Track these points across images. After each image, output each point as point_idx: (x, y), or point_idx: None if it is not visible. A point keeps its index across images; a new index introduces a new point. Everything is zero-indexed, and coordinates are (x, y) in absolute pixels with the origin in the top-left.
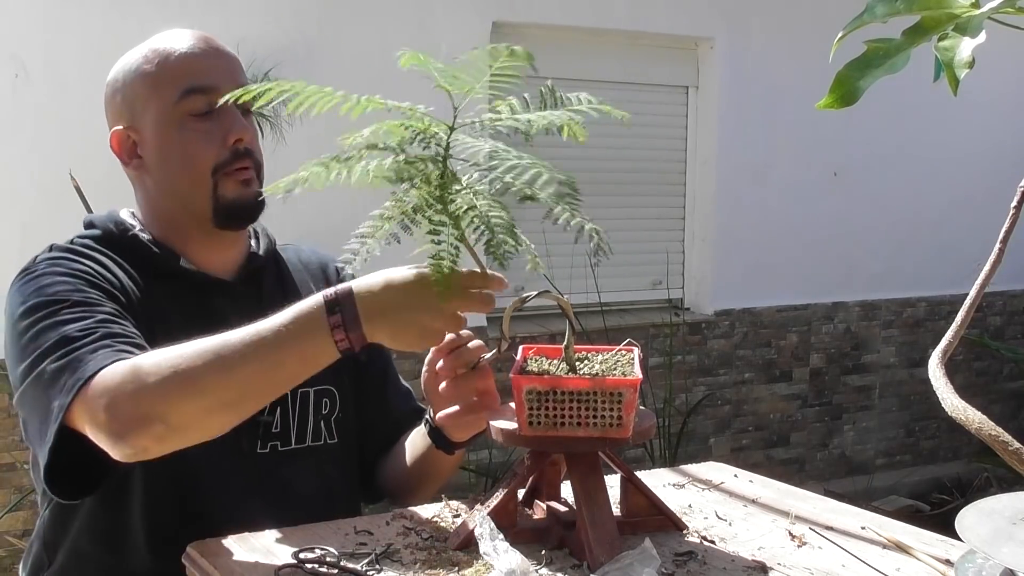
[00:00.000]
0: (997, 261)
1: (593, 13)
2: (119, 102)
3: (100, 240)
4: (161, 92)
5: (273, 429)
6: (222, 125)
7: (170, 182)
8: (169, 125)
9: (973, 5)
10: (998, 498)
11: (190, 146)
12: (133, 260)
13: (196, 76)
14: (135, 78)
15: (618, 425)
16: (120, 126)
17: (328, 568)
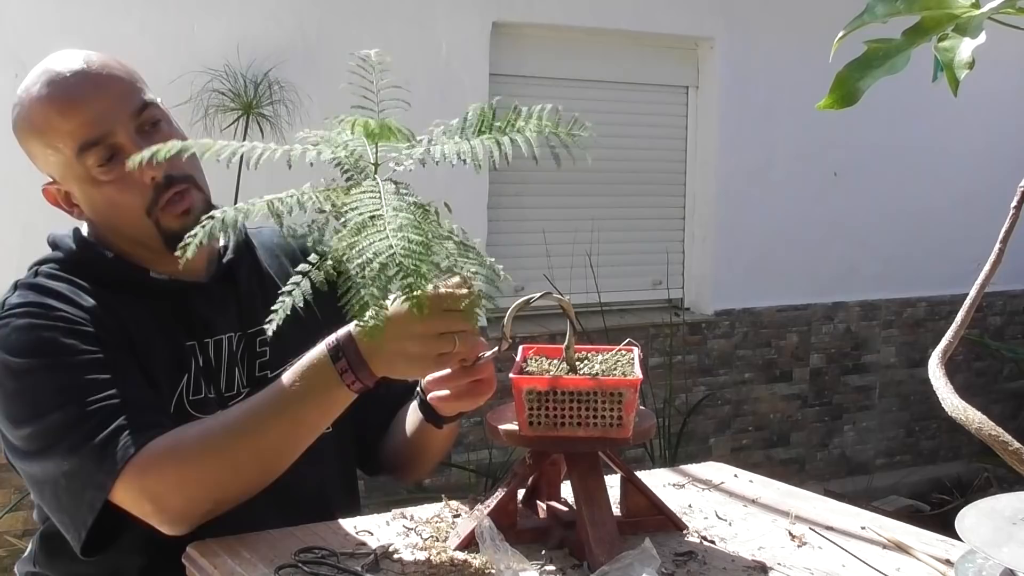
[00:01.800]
0: (997, 261)
1: (593, 13)
2: (33, 156)
3: (65, 264)
4: (57, 151)
5: None
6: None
7: (114, 227)
8: (82, 182)
9: (973, 5)
10: (998, 498)
11: (113, 198)
12: (101, 280)
13: (86, 127)
14: (29, 135)
15: (618, 425)
16: (47, 184)
17: (328, 568)
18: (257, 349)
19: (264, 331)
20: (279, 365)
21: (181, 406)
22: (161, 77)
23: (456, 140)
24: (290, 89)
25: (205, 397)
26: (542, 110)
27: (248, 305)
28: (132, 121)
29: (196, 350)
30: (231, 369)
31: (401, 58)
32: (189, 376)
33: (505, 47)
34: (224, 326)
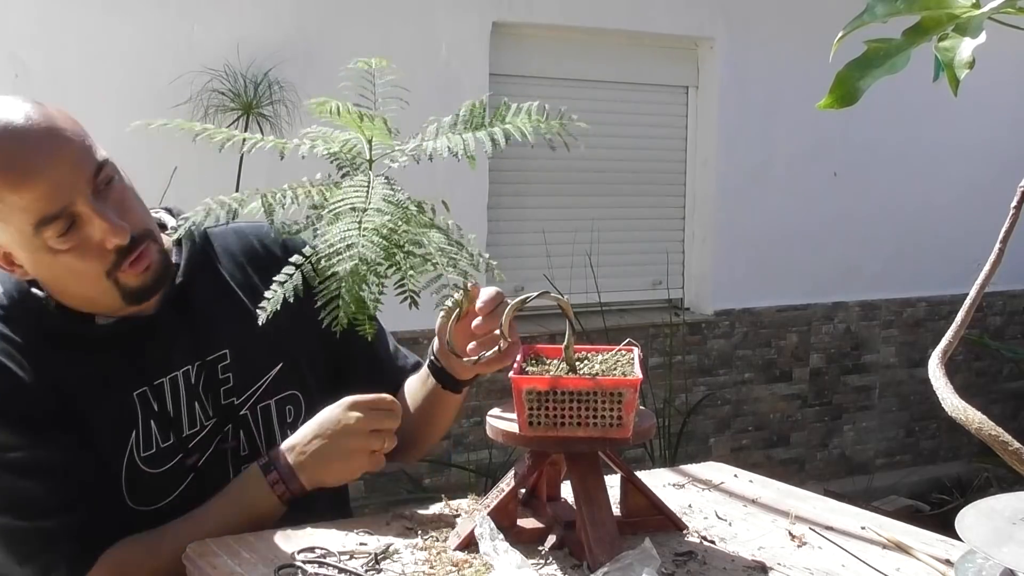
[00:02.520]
0: (997, 261)
1: (593, 13)
2: None
3: (4, 313)
4: (13, 225)
5: (241, 452)
6: (93, 235)
7: (65, 293)
8: (37, 252)
9: (973, 5)
10: (998, 498)
11: (71, 266)
12: (42, 334)
13: (43, 202)
14: None
15: (618, 425)
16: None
17: (328, 568)
18: (220, 376)
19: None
20: (245, 390)
21: (133, 464)
22: (161, 77)
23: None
24: (290, 89)
25: (158, 450)
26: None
27: (205, 330)
28: (89, 186)
29: (148, 396)
30: (191, 404)
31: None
32: (138, 431)
33: (505, 47)
34: (179, 360)
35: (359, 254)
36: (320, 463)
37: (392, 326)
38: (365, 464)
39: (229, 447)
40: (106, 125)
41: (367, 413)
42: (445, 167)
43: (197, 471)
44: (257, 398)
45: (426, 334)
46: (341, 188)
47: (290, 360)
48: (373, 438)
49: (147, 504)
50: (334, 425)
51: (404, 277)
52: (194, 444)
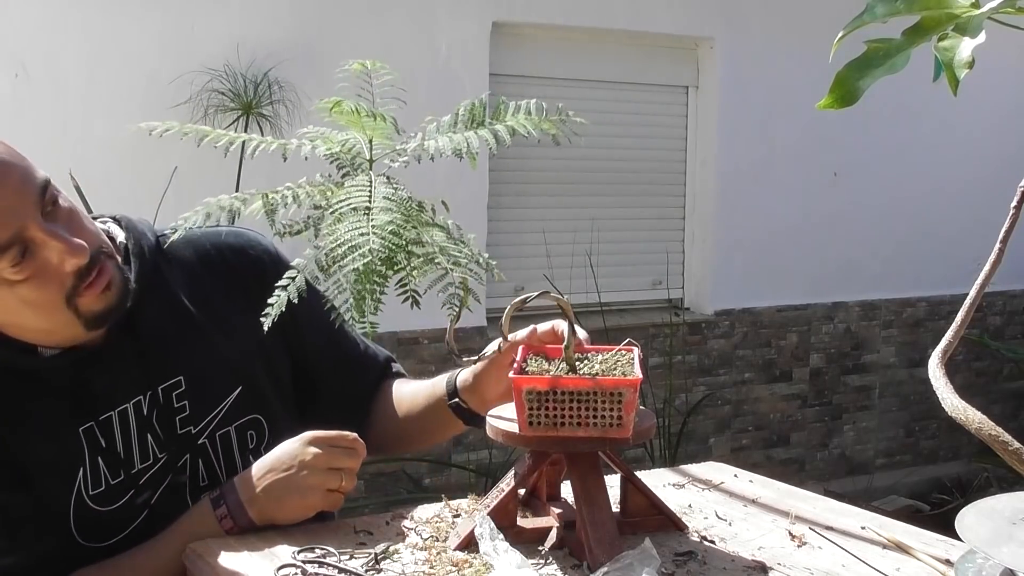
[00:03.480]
0: (997, 261)
1: (593, 13)
2: None
3: None
4: None
5: (201, 483)
6: (50, 257)
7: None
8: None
9: (973, 5)
10: (998, 498)
11: (28, 297)
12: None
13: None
14: None
15: (618, 425)
16: None
17: (328, 568)
18: (175, 405)
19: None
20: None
21: (81, 502)
22: (161, 77)
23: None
24: (290, 89)
25: (107, 488)
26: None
27: (157, 356)
28: (37, 209)
29: (96, 431)
30: (143, 437)
31: (401, 58)
32: (85, 469)
33: (505, 47)
34: (129, 391)
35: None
36: (273, 499)
37: (392, 326)
38: (320, 502)
39: (186, 479)
40: (106, 125)
41: (326, 450)
42: (445, 167)
43: (151, 507)
44: (216, 425)
45: (426, 334)
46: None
47: (250, 382)
48: (330, 476)
49: (98, 541)
50: (290, 460)
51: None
52: (146, 479)
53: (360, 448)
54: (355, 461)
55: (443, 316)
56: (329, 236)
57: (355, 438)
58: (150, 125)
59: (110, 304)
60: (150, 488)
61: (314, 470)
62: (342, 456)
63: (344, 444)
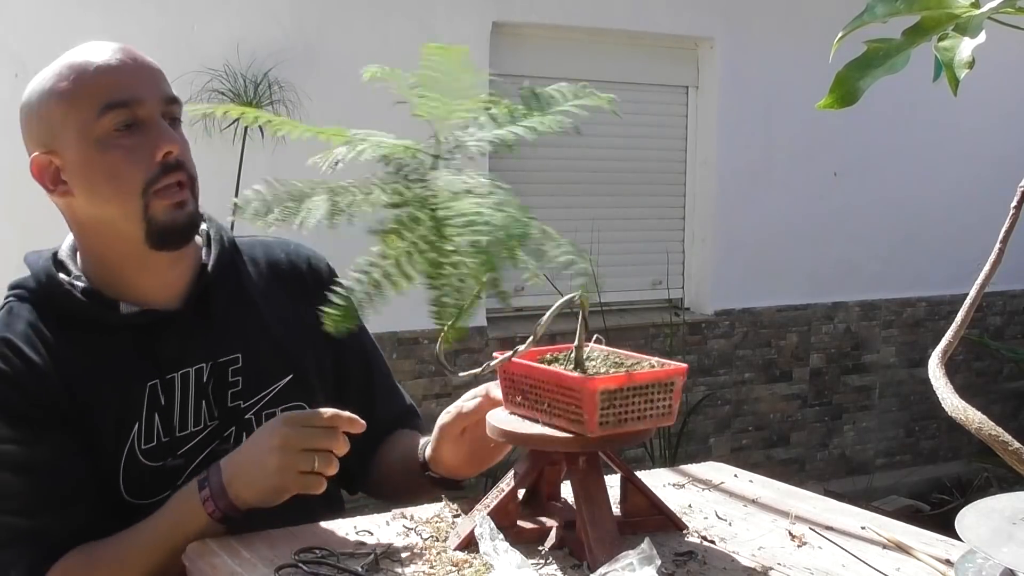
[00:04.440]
0: (997, 261)
1: (593, 13)
2: (35, 125)
3: (33, 295)
4: (79, 110)
5: None
6: (148, 139)
7: (98, 207)
8: (91, 144)
9: (973, 5)
10: (998, 498)
11: (116, 165)
12: (65, 317)
13: (115, 89)
14: (50, 98)
15: (668, 413)
16: (39, 151)
17: (328, 568)
18: (229, 379)
19: (236, 359)
20: (253, 395)
21: (132, 456)
22: None
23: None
24: (290, 89)
25: (158, 444)
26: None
27: (221, 333)
28: (162, 104)
29: (159, 388)
30: (198, 403)
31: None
32: (141, 424)
33: (505, 47)
34: (193, 358)
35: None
36: (245, 483)
37: (392, 326)
38: (294, 484)
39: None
40: None
41: (297, 431)
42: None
43: (192, 470)
44: (263, 405)
45: (427, 334)
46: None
47: (300, 373)
48: (302, 457)
49: (142, 498)
50: (263, 442)
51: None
52: (193, 444)
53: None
54: (331, 441)
55: None
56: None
57: (333, 415)
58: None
59: (175, 222)
60: (195, 452)
61: (284, 451)
62: (316, 436)
63: (318, 423)
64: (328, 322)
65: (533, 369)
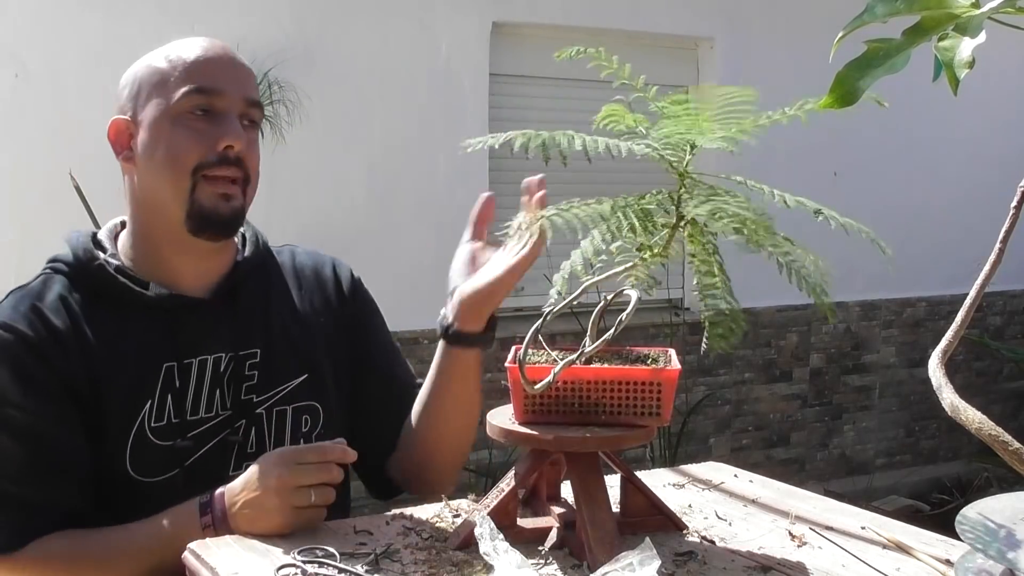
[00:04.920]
0: (997, 261)
1: (593, 13)
2: (126, 94)
3: (69, 269)
4: (167, 86)
5: (248, 450)
6: (217, 128)
7: (151, 175)
8: (165, 119)
9: (973, 5)
10: (998, 498)
11: (179, 141)
12: (98, 291)
13: (203, 76)
14: (146, 73)
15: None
16: (122, 116)
17: (328, 568)
18: (246, 372)
19: (254, 353)
20: (266, 390)
21: (142, 432)
22: None
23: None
24: (290, 89)
25: (168, 424)
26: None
27: (243, 327)
28: (243, 104)
29: (176, 371)
30: (212, 390)
31: (401, 58)
32: (153, 402)
33: (505, 47)
34: (214, 346)
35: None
36: (245, 519)
37: (392, 326)
38: (292, 519)
39: (237, 441)
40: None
41: (291, 470)
42: (445, 167)
43: (199, 456)
44: (275, 401)
45: (426, 334)
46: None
47: (316, 374)
48: (296, 495)
49: (146, 475)
50: (257, 481)
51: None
52: (203, 429)
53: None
54: (326, 474)
55: None
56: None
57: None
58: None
59: (217, 212)
60: (205, 437)
61: (279, 491)
62: (310, 473)
63: (312, 459)
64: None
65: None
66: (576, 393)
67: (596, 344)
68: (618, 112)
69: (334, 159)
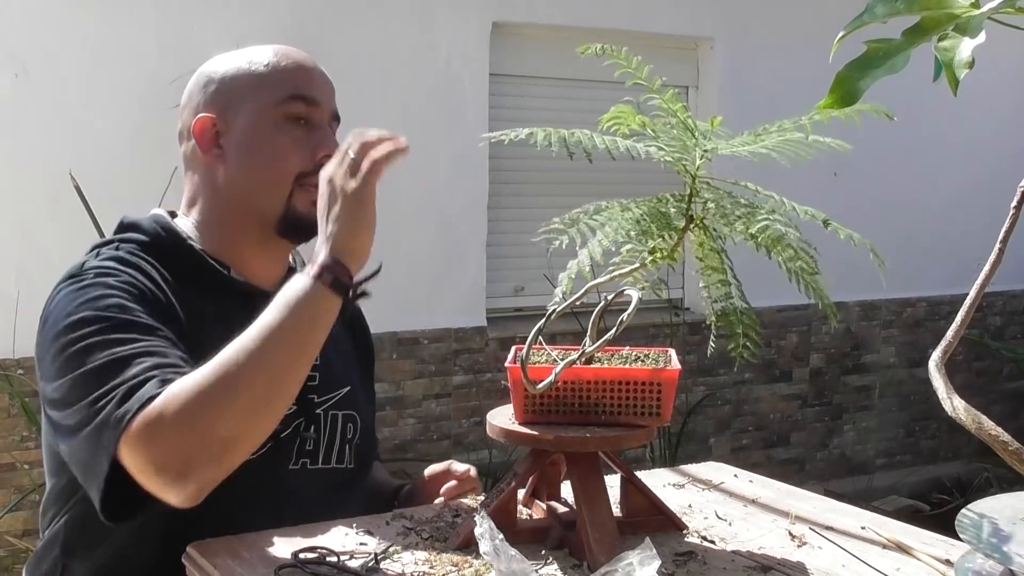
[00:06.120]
0: (997, 261)
1: (593, 13)
2: (212, 91)
3: (146, 247)
4: (267, 91)
5: (307, 447)
6: (314, 138)
7: (248, 176)
8: (265, 122)
9: (973, 5)
10: (998, 498)
11: (282, 147)
12: (180, 268)
13: (305, 85)
14: (241, 74)
15: None
16: (208, 114)
17: (328, 568)
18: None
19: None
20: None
21: None
22: (161, 77)
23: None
24: None
25: None
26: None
27: None
28: (329, 117)
29: None
30: None
31: (401, 58)
32: None
33: (505, 47)
34: None
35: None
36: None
37: (392, 326)
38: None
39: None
40: (106, 125)
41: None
42: (446, 168)
43: (277, 438)
44: (332, 405)
45: (426, 334)
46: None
47: (353, 387)
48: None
49: None
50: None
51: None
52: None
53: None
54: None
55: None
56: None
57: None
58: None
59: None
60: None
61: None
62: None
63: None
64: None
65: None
66: (576, 393)
67: (597, 344)
68: (625, 113)
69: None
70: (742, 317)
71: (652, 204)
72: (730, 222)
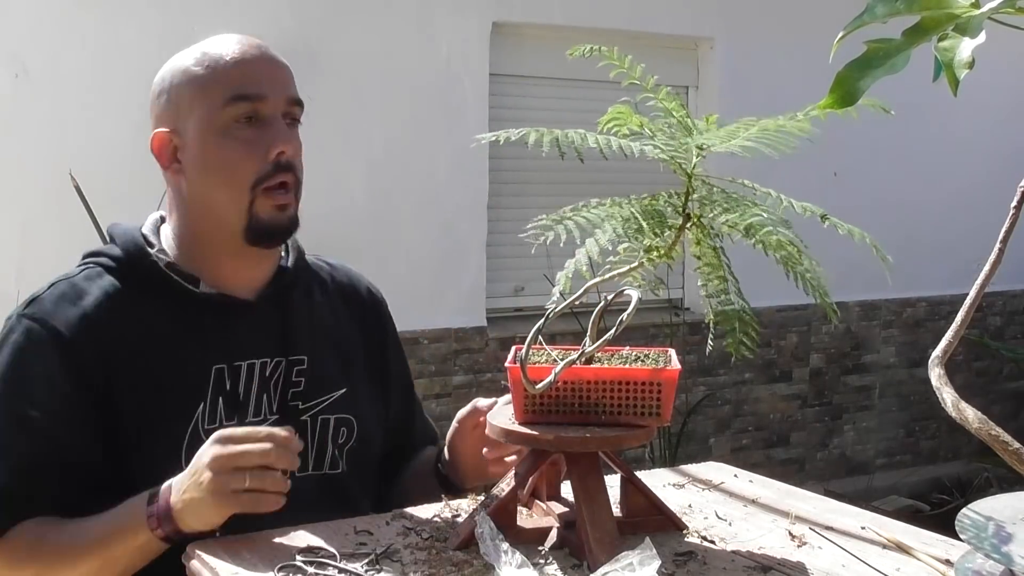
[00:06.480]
0: (997, 261)
1: (593, 13)
2: (163, 103)
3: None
4: (207, 96)
5: None
6: (266, 134)
7: (207, 191)
8: (212, 131)
9: (973, 5)
10: (998, 498)
11: (232, 155)
12: (149, 286)
13: (245, 82)
14: (182, 80)
15: None
16: (163, 128)
17: (328, 568)
18: (293, 378)
19: (302, 360)
20: (311, 399)
21: (196, 433)
22: None
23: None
24: None
25: (220, 426)
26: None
27: (291, 333)
28: (284, 104)
29: (224, 374)
30: (260, 395)
31: (401, 58)
32: (206, 404)
33: (505, 47)
34: (264, 350)
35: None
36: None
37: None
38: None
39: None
40: (106, 125)
41: (226, 449)
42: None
43: None
44: (319, 410)
45: (426, 334)
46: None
47: (353, 388)
48: (233, 477)
49: None
50: (195, 463)
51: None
52: None
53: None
54: (264, 458)
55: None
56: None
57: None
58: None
59: (276, 224)
60: None
61: (215, 473)
62: (247, 454)
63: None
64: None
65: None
66: (576, 393)
67: (597, 344)
68: (624, 114)
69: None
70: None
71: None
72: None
